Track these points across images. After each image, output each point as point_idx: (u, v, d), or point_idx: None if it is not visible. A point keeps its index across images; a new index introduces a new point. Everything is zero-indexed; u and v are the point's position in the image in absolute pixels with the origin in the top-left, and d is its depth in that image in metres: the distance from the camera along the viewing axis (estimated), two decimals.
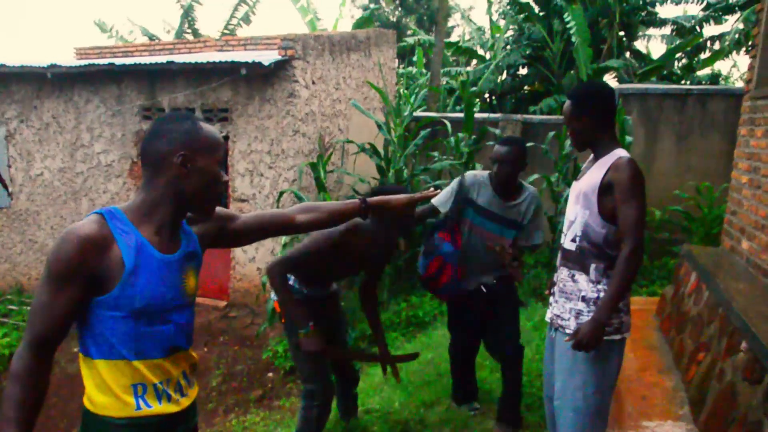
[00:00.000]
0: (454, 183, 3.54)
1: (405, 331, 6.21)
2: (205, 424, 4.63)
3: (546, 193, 7.27)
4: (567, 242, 2.56)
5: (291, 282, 3.05)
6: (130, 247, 1.56)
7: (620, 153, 2.40)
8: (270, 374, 6.04)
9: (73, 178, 8.30)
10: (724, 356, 3.19)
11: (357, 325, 6.35)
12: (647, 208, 2.57)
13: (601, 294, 2.39)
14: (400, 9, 23.56)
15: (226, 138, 7.27)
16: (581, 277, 2.46)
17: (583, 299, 2.44)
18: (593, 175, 2.43)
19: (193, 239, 1.76)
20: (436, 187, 7.31)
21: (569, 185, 7.10)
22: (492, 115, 9.14)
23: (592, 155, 2.56)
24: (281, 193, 6.58)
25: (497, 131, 7.69)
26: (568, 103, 2.50)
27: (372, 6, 22.53)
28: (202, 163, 1.63)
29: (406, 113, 7.26)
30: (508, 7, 13.97)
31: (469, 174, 3.57)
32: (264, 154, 7.08)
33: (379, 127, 7.10)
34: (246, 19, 14.52)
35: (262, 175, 7.13)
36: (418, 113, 8.91)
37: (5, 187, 8.83)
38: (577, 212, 2.49)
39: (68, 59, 9.75)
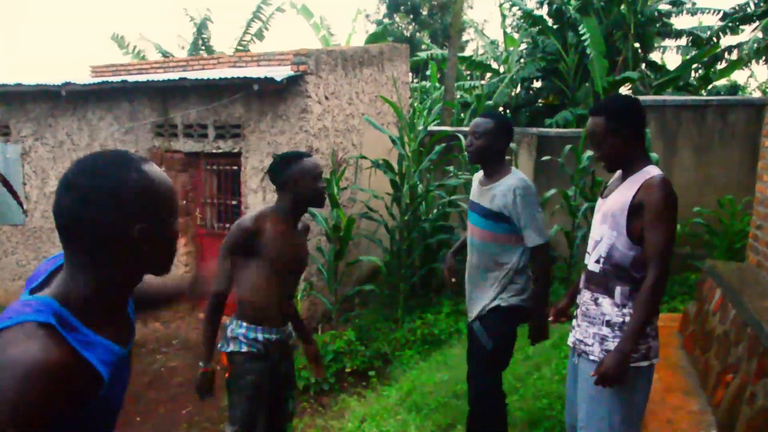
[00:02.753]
0: None
1: (420, 349, 6.09)
2: None
3: (563, 208, 7.15)
4: (591, 263, 2.44)
5: (242, 330, 2.74)
6: (99, 359, 1.19)
7: (652, 171, 2.28)
8: None
9: None
10: (755, 379, 3.05)
11: (372, 343, 6.25)
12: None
13: (627, 318, 2.27)
14: (413, 24, 23.61)
15: (239, 154, 7.24)
16: (605, 301, 2.34)
17: (608, 324, 2.32)
18: (623, 194, 2.31)
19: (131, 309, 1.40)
20: (451, 203, 7.26)
21: (587, 199, 7.00)
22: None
23: (619, 172, 2.44)
24: None
25: (513, 145, 7.58)
26: (599, 119, 2.33)
27: (386, 21, 22.60)
28: (166, 227, 1.27)
29: (420, 128, 7.19)
30: (522, 20, 13.91)
31: (477, 173, 3.39)
32: None
33: (393, 142, 7.03)
34: (259, 36, 14.58)
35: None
36: (433, 127, 8.84)
37: (20, 204, 8.86)
38: (603, 233, 2.37)
39: (84, 77, 9.81)
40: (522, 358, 4.85)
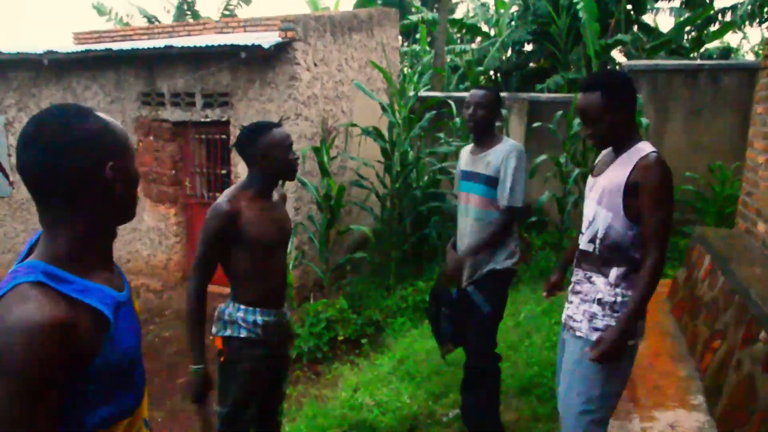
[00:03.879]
0: None
1: (412, 315, 6.13)
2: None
3: (555, 174, 7.14)
4: (584, 243, 2.39)
5: (241, 313, 2.63)
6: (99, 301, 1.23)
7: (645, 148, 2.21)
8: None
9: None
10: (742, 346, 3.09)
11: (364, 311, 6.28)
12: None
13: (619, 299, 2.24)
14: None
15: (227, 123, 7.15)
16: (599, 279, 2.31)
17: (599, 302, 2.29)
18: (616, 173, 2.23)
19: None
20: (442, 170, 7.23)
21: (578, 165, 6.99)
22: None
23: (609, 148, 2.37)
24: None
25: (504, 111, 7.53)
26: (594, 95, 2.21)
27: None
28: (130, 165, 1.31)
29: (410, 93, 7.11)
30: None
31: (464, 147, 3.48)
32: None
33: (384, 109, 6.95)
34: (246, 0, 14.30)
35: None
36: (423, 93, 8.75)
37: (6, 176, 8.76)
38: (597, 212, 2.30)
39: (67, 45, 9.61)
40: (513, 325, 4.90)
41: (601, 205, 2.29)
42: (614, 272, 2.26)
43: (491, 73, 14.11)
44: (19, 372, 1.07)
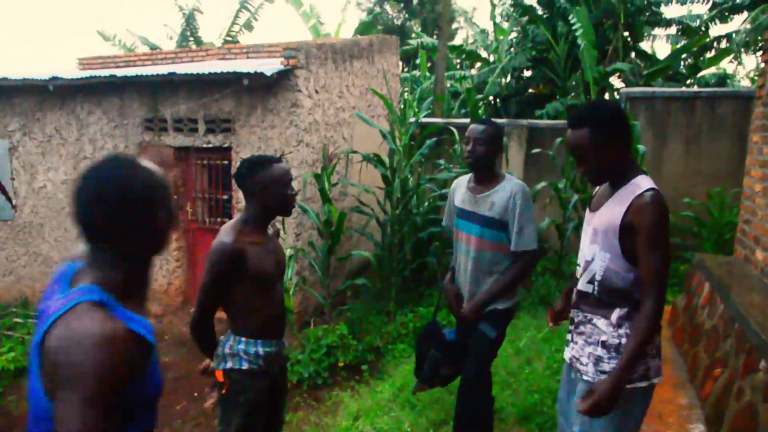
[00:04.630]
0: (449, 195, 3.43)
1: (413, 342, 6.12)
2: None
3: (554, 200, 7.18)
4: (582, 283, 2.30)
5: (242, 345, 2.63)
6: (143, 330, 1.37)
7: (642, 184, 2.11)
8: None
9: None
10: (743, 374, 3.10)
11: (364, 337, 6.28)
12: None
13: (623, 340, 2.15)
14: (404, 12, 23.50)
15: (229, 149, 7.21)
16: (600, 321, 2.22)
17: (603, 345, 2.20)
18: (611, 211, 2.15)
19: None
20: (442, 196, 7.26)
21: (577, 191, 7.04)
22: (497, 121, 9.05)
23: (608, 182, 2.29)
24: None
25: (503, 138, 7.59)
26: (582, 131, 2.12)
27: (376, 10, 22.48)
28: (172, 207, 1.50)
29: (411, 120, 7.19)
30: (512, 9, 13.88)
31: (457, 179, 3.41)
32: None
33: (384, 136, 7.02)
34: (248, 26, 14.46)
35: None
36: (424, 119, 8.83)
37: (9, 199, 8.80)
38: (594, 252, 2.23)
39: (71, 70, 9.72)
40: (513, 353, 4.90)
41: (596, 244, 2.22)
42: (616, 313, 2.17)
43: (491, 99, 14.23)
44: (93, 378, 1.20)
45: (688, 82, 13.54)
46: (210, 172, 7.63)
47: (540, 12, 13.08)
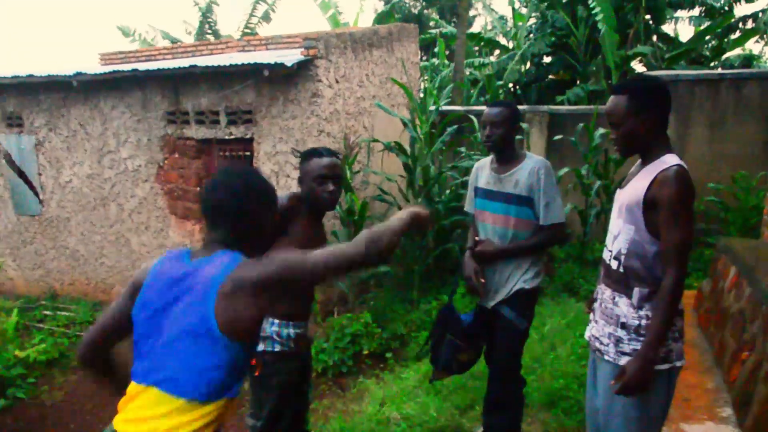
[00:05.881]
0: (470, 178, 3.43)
1: None
2: (234, 428, 4.62)
3: (576, 186, 7.14)
4: (610, 258, 2.32)
5: (275, 327, 2.68)
6: None
7: (669, 160, 2.12)
8: None
9: (102, 184, 8.38)
10: None
11: (388, 325, 6.31)
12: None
13: (643, 321, 2.16)
14: (421, 1, 23.35)
15: (251, 140, 7.27)
16: (622, 301, 2.23)
17: (623, 326, 2.21)
18: (636, 186, 2.17)
19: None
20: (464, 184, 7.25)
21: (600, 177, 6.99)
22: (518, 108, 8.98)
23: (639, 159, 2.28)
24: None
25: (524, 125, 7.56)
26: (621, 98, 2.17)
27: None
28: (275, 214, 1.94)
29: (431, 108, 7.18)
30: None
31: (478, 162, 3.41)
32: (289, 155, 7.06)
33: (405, 124, 7.02)
34: (266, 17, 14.51)
35: (288, 176, 7.11)
36: (444, 107, 8.81)
37: (36, 194, 8.96)
38: (620, 227, 2.25)
39: (93, 65, 9.84)
40: (538, 338, 4.90)
41: (622, 219, 2.23)
42: (637, 293, 2.18)
43: (510, 86, 14.13)
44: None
45: (712, 64, 13.31)
46: (232, 163, 7.69)
47: None
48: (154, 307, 1.70)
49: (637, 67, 13.25)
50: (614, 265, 2.28)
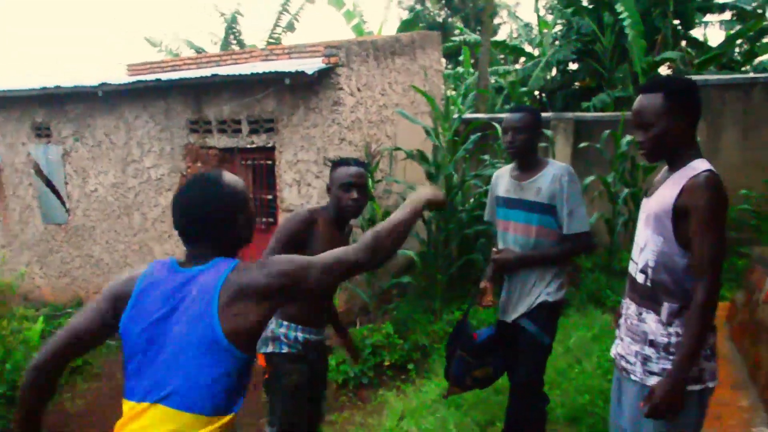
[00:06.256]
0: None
1: None
2: None
3: (603, 194, 6.99)
4: (636, 272, 2.18)
5: (283, 329, 2.71)
6: None
7: (699, 166, 2.00)
8: None
9: (125, 193, 8.43)
10: None
11: (410, 336, 6.21)
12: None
13: (673, 339, 2.02)
14: (446, 9, 23.32)
15: (273, 149, 7.25)
16: (650, 317, 2.10)
17: (652, 344, 2.08)
18: (665, 194, 2.05)
19: None
20: (488, 193, 7.14)
21: (626, 185, 6.83)
22: (542, 114, 8.84)
23: (666, 167, 2.16)
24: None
25: (549, 132, 7.43)
26: (655, 97, 2.03)
27: (417, 7, 22.36)
28: (251, 211, 1.87)
29: (454, 116, 7.08)
30: (556, 1, 13.59)
31: (497, 171, 3.33)
32: (311, 164, 7.02)
33: (427, 132, 6.94)
34: (290, 27, 14.57)
35: (309, 185, 7.07)
36: (467, 115, 8.72)
37: (63, 203, 9.06)
38: (647, 237, 2.11)
39: (120, 76, 9.94)
40: (562, 352, 4.76)
41: (650, 229, 2.10)
42: (666, 309, 2.05)
43: (536, 93, 13.98)
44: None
45: (744, 69, 13.00)
46: (254, 172, 7.69)
47: (585, 2, 12.76)
48: (150, 320, 1.62)
49: (665, 73, 13.01)
50: (641, 278, 2.15)
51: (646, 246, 2.13)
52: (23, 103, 9.00)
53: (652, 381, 2.06)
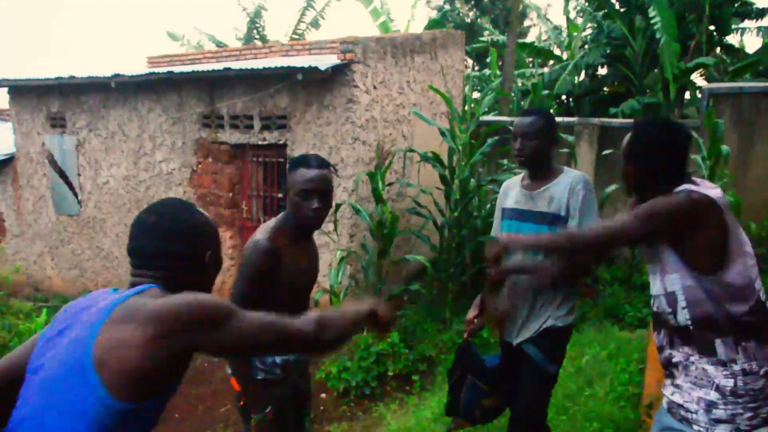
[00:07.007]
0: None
1: None
2: None
3: (626, 204, 6.66)
4: (665, 314, 1.96)
5: None
6: None
7: (680, 187, 1.95)
8: (323, 395, 5.74)
9: (137, 186, 8.31)
10: None
11: (417, 345, 5.97)
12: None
13: (740, 380, 1.78)
14: (474, 9, 22.99)
15: (285, 146, 7.05)
16: (703, 360, 1.85)
17: (717, 388, 1.83)
18: None
19: None
20: None
21: None
22: (566, 119, 8.53)
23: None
24: (338, 206, 6.24)
25: (571, 138, 7.12)
26: (627, 138, 2.16)
27: (446, 7, 22.07)
28: (220, 254, 1.68)
29: (472, 118, 6.80)
30: (587, 3, 13.24)
31: (506, 182, 3.02)
32: None
33: (443, 134, 6.68)
34: (315, 24, 14.42)
35: None
36: (488, 118, 8.44)
37: (76, 195, 8.98)
38: (662, 283, 1.94)
39: (139, 68, 9.86)
40: (573, 371, 4.47)
41: (658, 273, 1.95)
42: (719, 345, 1.82)
43: (563, 97, 13.64)
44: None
45: None
46: (265, 170, 7.51)
47: (617, 6, 12.38)
48: (45, 338, 1.43)
49: (697, 80, 12.58)
50: (670, 320, 1.93)
51: (666, 291, 1.94)
52: (39, 92, 8.94)
53: (720, 430, 1.82)
